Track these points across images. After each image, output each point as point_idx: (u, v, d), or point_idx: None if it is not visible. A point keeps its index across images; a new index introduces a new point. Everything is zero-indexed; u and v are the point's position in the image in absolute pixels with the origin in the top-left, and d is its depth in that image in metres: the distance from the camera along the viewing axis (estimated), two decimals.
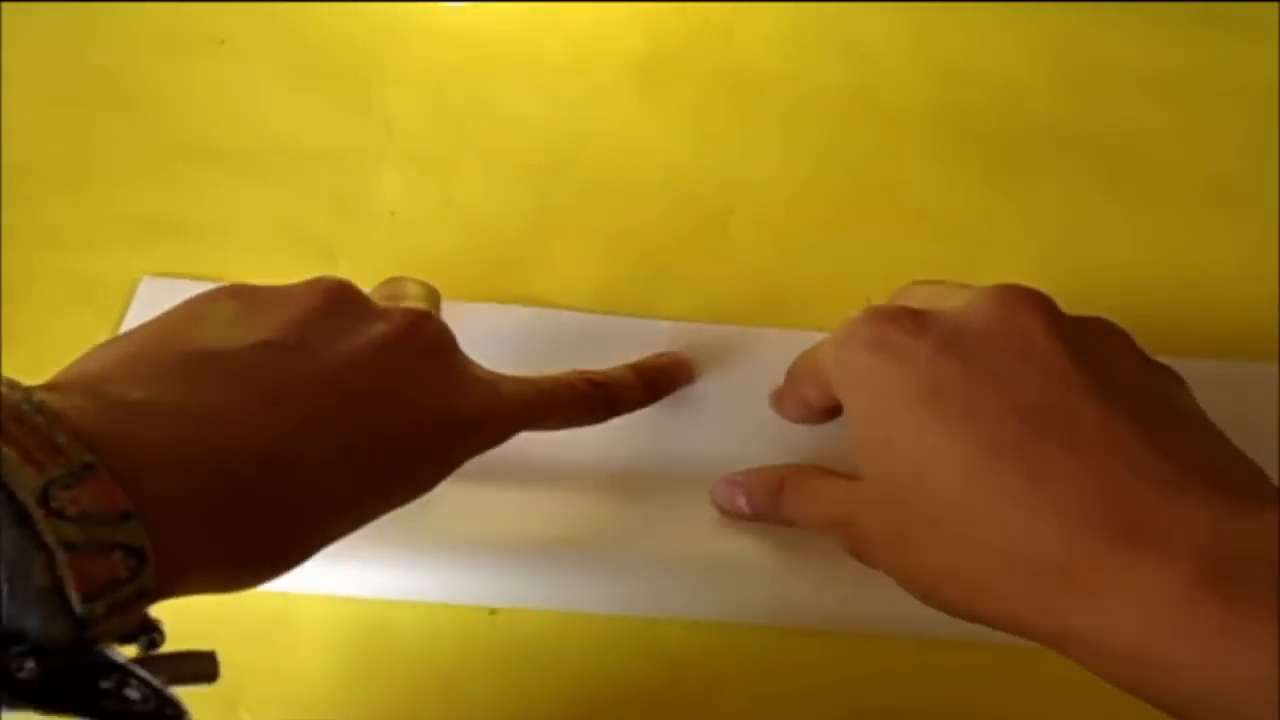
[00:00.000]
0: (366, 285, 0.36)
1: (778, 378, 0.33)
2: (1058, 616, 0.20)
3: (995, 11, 0.42)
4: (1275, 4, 0.41)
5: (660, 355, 0.34)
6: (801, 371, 0.30)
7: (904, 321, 0.24)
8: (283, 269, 0.36)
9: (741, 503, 0.30)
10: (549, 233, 0.38)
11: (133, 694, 0.16)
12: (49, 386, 0.20)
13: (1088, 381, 0.22)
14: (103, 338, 0.34)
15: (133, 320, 0.35)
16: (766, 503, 0.29)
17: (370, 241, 0.37)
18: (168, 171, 0.39)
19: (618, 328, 0.35)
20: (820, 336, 0.34)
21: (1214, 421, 0.23)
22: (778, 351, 0.34)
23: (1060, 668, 0.21)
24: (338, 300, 0.25)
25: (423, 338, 0.26)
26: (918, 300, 0.27)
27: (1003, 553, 0.21)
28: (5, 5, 0.42)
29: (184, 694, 0.30)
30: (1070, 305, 0.36)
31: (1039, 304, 0.24)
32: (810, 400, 0.30)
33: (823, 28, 0.42)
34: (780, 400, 0.32)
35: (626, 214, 0.38)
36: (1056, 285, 0.36)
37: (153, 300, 0.36)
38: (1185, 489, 0.20)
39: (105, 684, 0.16)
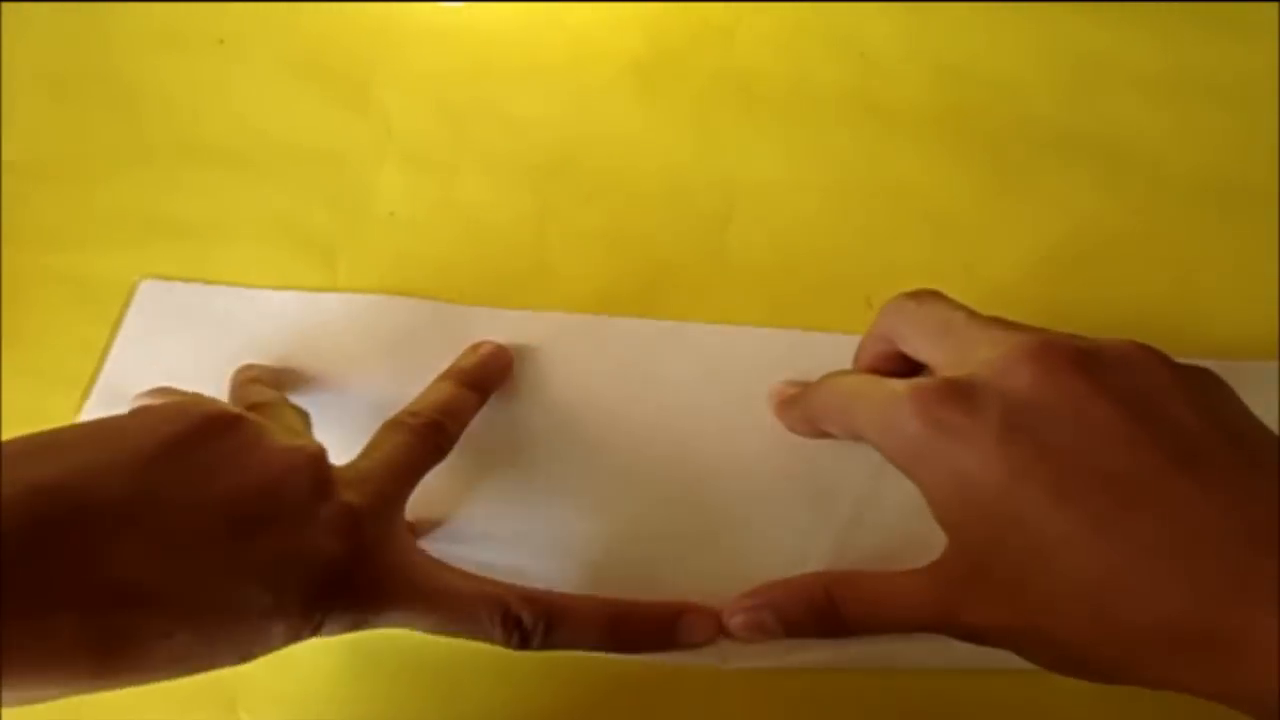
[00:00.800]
0: (366, 286, 0.36)
1: (777, 377, 0.33)
2: (1210, 679, 0.21)
3: (995, 11, 0.42)
4: (1275, 4, 0.41)
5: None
6: (826, 413, 0.30)
7: (956, 401, 0.24)
8: (282, 269, 0.37)
9: (772, 625, 0.28)
10: (549, 233, 0.37)
11: None
12: None
13: (1151, 436, 0.22)
14: (102, 338, 0.35)
15: (132, 322, 0.35)
16: (812, 618, 0.28)
17: (369, 242, 0.37)
18: (167, 171, 0.39)
19: (618, 328, 0.35)
20: (820, 337, 0.34)
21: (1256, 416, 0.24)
22: (778, 351, 0.34)
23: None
24: (267, 494, 0.25)
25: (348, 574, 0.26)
26: (922, 330, 0.27)
27: (1141, 627, 0.21)
28: (5, 5, 0.42)
29: (185, 693, 0.30)
30: (1070, 306, 0.36)
31: (1072, 359, 0.24)
32: (830, 433, 0.30)
33: (823, 28, 0.42)
34: (792, 421, 0.32)
35: (626, 214, 0.38)
36: (1056, 285, 0.36)
37: (151, 303, 0.36)
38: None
39: None
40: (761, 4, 0.42)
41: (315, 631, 0.25)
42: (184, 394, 0.29)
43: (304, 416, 0.30)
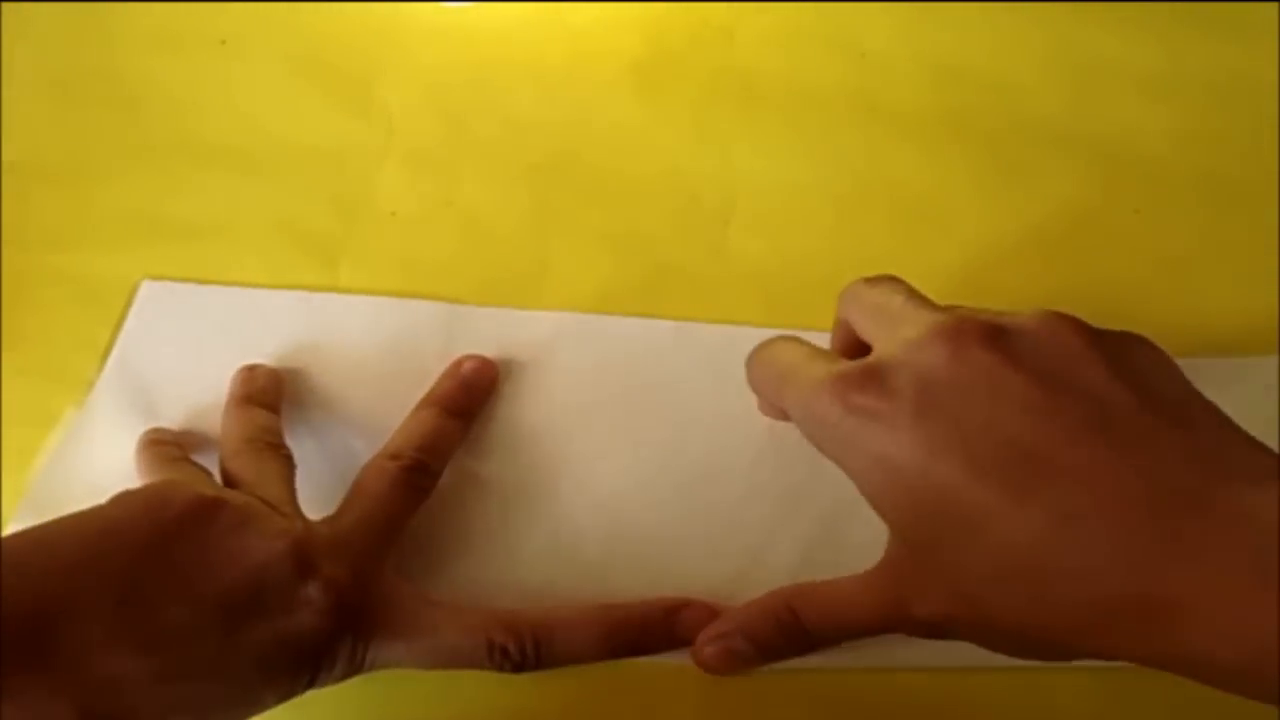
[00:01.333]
0: (367, 286, 0.36)
1: None
2: (1152, 647, 0.20)
3: (995, 11, 0.42)
4: (1275, 4, 0.41)
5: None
6: (762, 389, 0.30)
7: (870, 384, 0.24)
8: (284, 269, 0.37)
9: (745, 649, 0.28)
10: (549, 233, 0.38)
11: None
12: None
13: (1066, 405, 0.22)
14: (104, 338, 0.35)
15: (134, 322, 0.35)
16: (780, 636, 0.27)
17: (370, 242, 0.37)
18: (168, 171, 0.39)
19: (618, 328, 0.35)
20: (820, 337, 0.34)
21: (1186, 380, 0.23)
22: None
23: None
24: (252, 585, 0.25)
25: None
26: (866, 313, 0.27)
27: (1076, 598, 0.21)
28: (5, 5, 0.42)
29: None
30: (1070, 305, 0.36)
31: (984, 334, 0.23)
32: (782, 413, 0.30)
33: (823, 28, 0.42)
34: (760, 405, 0.32)
35: (626, 214, 0.38)
36: (1055, 284, 0.36)
37: (153, 303, 0.36)
38: (1212, 494, 0.20)
39: None
40: (761, 4, 0.42)
41: (307, 689, 0.26)
42: (173, 463, 0.31)
43: (288, 462, 0.30)
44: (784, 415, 0.31)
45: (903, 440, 0.23)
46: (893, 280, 0.28)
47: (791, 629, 0.27)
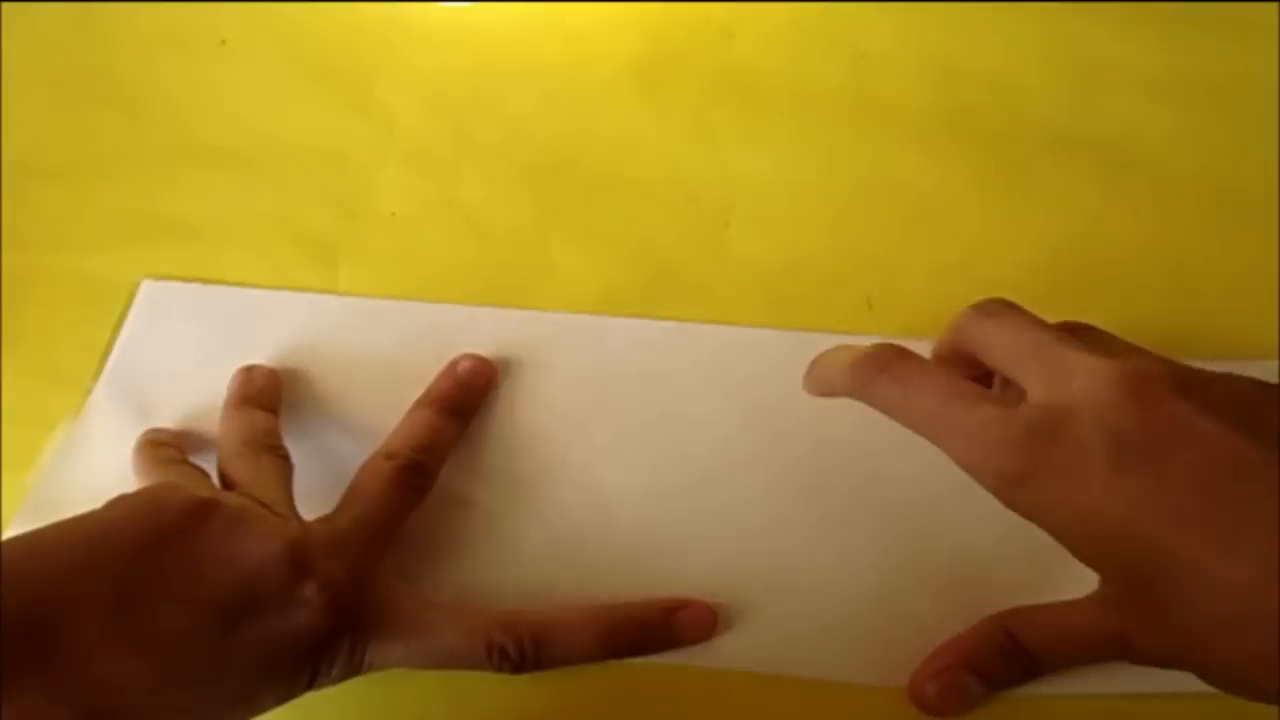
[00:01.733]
0: (367, 286, 0.36)
1: (778, 378, 0.33)
2: None
3: (995, 11, 0.42)
4: (1275, 4, 0.41)
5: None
6: (913, 424, 0.26)
7: (1061, 440, 0.23)
8: (284, 269, 0.37)
9: (970, 683, 0.28)
10: (549, 233, 0.38)
11: None
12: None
13: (1265, 453, 0.22)
14: (104, 338, 0.35)
15: (133, 322, 0.35)
16: (1003, 663, 0.27)
17: (370, 242, 0.37)
18: (169, 172, 0.39)
19: (618, 328, 0.35)
20: (821, 337, 0.34)
21: None
22: (778, 351, 0.34)
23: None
24: (249, 586, 0.25)
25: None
26: (1009, 353, 0.26)
27: None
28: (5, 5, 0.42)
29: None
30: (1069, 305, 0.36)
31: (1174, 385, 0.23)
32: (852, 396, 0.28)
33: (823, 28, 0.42)
34: (816, 384, 0.30)
35: (626, 214, 0.38)
36: (1055, 284, 0.36)
37: (153, 303, 0.36)
38: None
39: None
40: (761, 4, 0.42)
41: (306, 690, 0.27)
42: (169, 464, 0.31)
43: (285, 463, 0.31)
44: (834, 392, 0.28)
45: (1101, 495, 0.23)
46: (1012, 309, 0.27)
47: (1016, 655, 0.27)
